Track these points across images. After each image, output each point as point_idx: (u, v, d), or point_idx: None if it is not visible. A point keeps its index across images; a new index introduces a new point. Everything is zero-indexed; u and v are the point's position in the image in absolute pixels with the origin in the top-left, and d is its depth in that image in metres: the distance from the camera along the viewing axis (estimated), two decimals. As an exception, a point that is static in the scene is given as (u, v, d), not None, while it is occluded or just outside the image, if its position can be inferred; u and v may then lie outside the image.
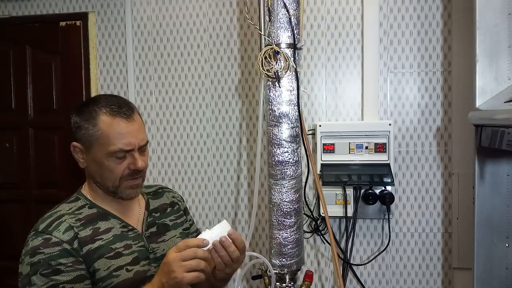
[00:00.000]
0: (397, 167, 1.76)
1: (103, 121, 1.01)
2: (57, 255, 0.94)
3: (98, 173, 1.04)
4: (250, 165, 1.86)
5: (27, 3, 1.99)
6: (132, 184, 1.05)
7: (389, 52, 1.75)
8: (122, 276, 1.01)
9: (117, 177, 1.03)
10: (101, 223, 1.05)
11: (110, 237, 1.03)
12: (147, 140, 1.08)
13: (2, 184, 2.04)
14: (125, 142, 1.00)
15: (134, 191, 1.07)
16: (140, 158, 1.03)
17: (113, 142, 1.00)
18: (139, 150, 1.04)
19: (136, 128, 1.04)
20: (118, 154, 1.01)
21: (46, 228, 0.98)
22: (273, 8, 1.37)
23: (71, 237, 0.98)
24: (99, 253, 1.00)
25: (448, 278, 1.76)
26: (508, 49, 1.37)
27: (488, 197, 1.40)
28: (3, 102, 2.01)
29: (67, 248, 0.96)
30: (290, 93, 1.40)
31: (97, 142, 1.01)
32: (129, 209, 1.12)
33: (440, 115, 1.74)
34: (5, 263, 1.96)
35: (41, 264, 0.93)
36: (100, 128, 1.01)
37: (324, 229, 1.76)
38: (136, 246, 1.06)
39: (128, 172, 1.03)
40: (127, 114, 1.03)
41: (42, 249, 0.94)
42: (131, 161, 1.02)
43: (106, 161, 1.01)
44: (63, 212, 1.03)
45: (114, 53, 1.94)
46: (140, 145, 1.04)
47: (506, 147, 1.15)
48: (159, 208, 1.20)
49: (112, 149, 1.00)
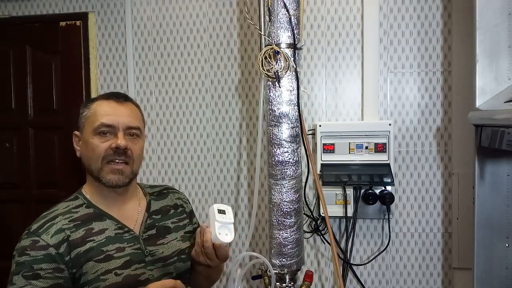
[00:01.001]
0: (397, 167, 1.76)
1: (96, 104, 1.07)
2: (40, 260, 0.95)
3: (86, 156, 1.06)
4: (250, 165, 1.86)
5: (27, 3, 1.99)
6: (113, 168, 1.04)
7: (389, 52, 1.75)
8: (110, 280, 1.00)
9: (99, 156, 1.03)
10: (95, 223, 1.04)
11: (102, 239, 1.03)
12: (138, 126, 1.09)
13: (2, 184, 2.03)
14: (108, 118, 1.04)
15: (116, 177, 1.05)
16: (123, 138, 1.04)
17: (97, 118, 1.04)
18: (127, 134, 1.06)
19: (126, 111, 1.08)
20: (101, 129, 1.03)
21: (37, 229, 0.99)
22: (273, 8, 1.37)
23: (59, 240, 0.98)
24: (88, 256, 0.99)
25: (448, 278, 1.76)
26: (508, 49, 1.37)
27: (488, 197, 1.40)
28: (3, 102, 2.00)
29: (51, 253, 0.96)
30: (290, 93, 1.40)
31: (87, 121, 1.06)
32: (127, 210, 1.11)
33: (440, 115, 1.74)
34: (5, 263, 1.96)
35: (24, 265, 0.94)
36: (92, 108, 1.07)
37: (324, 229, 1.76)
38: (130, 249, 1.05)
39: (110, 151, 1.03)
40: (120, 97, 1.09)
41: (29, 251, 0.95)
42: (113, 141, 1.04)
43: (91, 139, 1.04)
44: (58, 213, 1.03)
45: (114, 53, 1.94)
46: (126, 126, 1.06)
47: (506, 147, 1.15)
48: (160, 210, 1.18)
49: (95, 125, 1.03)
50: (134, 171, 1.09)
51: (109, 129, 1.04)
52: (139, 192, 1.19)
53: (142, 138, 1.12)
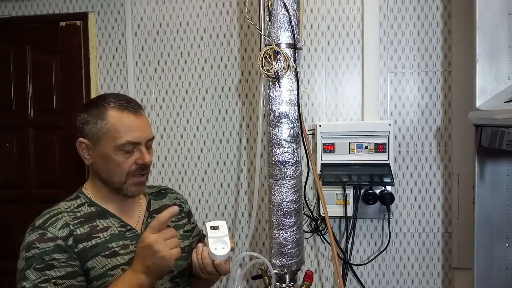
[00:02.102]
0: (397, 167, 1.76)
1: (112, 115, 1.02)
2: (51, 250, 0.94)
3: (104, 169, 1.04)
4: (250, 165, 1.86)
5: (27, 3, 1.99)
6: (138, 181, 1.06)
7: (389, 52, 1.75)
8: (118, 275, 1.00)
9: (124, 172, 1.03)
10: (99, 221, 1.04)
11: (107, 235, 1.03)
12: (153, 136, 1.10)
13: (2, 184, 2.04)
14: (133, 135, 1.02)
15: (139, 189, 1.07)
16: (147, 154, 1.05)
17: (121, 135, 1.01)
18: (146, 146, 1.06)
19: (144, 123, 1.07)
20: (126, 147, 1.02)
21: (43, 224, 0.98)
22: (273, 8, 1.37)
23: (66, 234, 0.98)
24: (95, 251, 1.00)
25: (448, 278, 1.76)
26: (508, 49, 1.37)
27: (488, 197, 1.40)
28: (3, 102, 2.01)
29: (61, 244, 0.96)
30: (290, 93, 1.40)
31: (105, 136, 1.02)
32: (129, 209, 1.12)
33: (440, 115, 1.74)
34: (5, 263, 1.96)
35: (35, 258, 0.93)
36: (109, 121, 1.02)
37: (324, 229, 1.76)
38: (133, 247, 1.05)
39: (135, 167, 1.04)
40: (135, 108, 1.06)
41: (37, 243, 0.95)
42: (138, 156, 1.04)
43: (114, 155, 1.02)
44: (61, 210, 1.03)
45: (114, 53, 1.94)
46: (147, 139, 1.06)
47: (506, 147, 1.15)
48: (160, 209, 1.18)
49: (120, 142, 1.01)
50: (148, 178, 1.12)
51: (134, 146, 1.03)
52: None
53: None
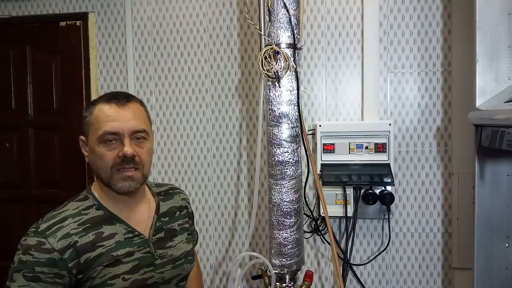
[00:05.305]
0: (397, 167, 1.76)
1: (97, 108, 1.02)
2: (43, 263, 0.94)
3: (94, 164, 1.03)
4: (250, 165, 1.86)
5: (27, 3, 1.99)
6: (123, 175, 1.01)
7: (389, 52, 1.75)
8: (117, 285, 0.99)
9: (107, 165, 1.00)
10: (105, 227, 1.02)
11: (112, 243, 1.01)
12: (144, 128, 1.04)
13: (2, 184, 2.04)
14: (111, 125, 0.99)
15: (127, 184, 1.01)
16: (129, 145, 1.00)
17: (100, 126, 1.00)
18: (133, 139, 1.01)
19: (128, 114, 1.01)
20: (105, 137, 0.99)
21: (45, 230, 0.97)
22: (273, 8, 1.37)
23: (65, 245, 0.96)
24: (99, 261, 0.98)
25: (448, 278, 1.76)
26: (508, 49, 1.37)
27: (488, 197, 1.40)
28: (3, 102, 2.01)
29: (55, 258, 0.94)
30: (290, 93, 1.40)
31: (91, 128, 1.02)
32: (137, 212, 1.09)
33: (440, 115, 1.74)
34: (5, 263, 1.96)
35: (27, 265, 0.93)
36: (94, 114, 1.02)
37: (324, 229, 1.76)
38: (140, 253, 1.04)
39: (118, 160, 0.99)
40: (121, 100, 1.02)
41: (33, 251, 0.94)
42: (120, 148, 1.00)
43: (97, 148, 1.00)
44: (67, 214, 1.01)
45: (114, 53, 1.94)
46: (131, 131, 1.00)
47: (506, 147, 1.15)
48: (168, 212, 1.17)
49: (99, 133, 0.99)
50: (144, 175, 1.06)
51: (114, 136, 0.99)
52: (147, 192, 1.17)
53: (150, 139, 1.07)
